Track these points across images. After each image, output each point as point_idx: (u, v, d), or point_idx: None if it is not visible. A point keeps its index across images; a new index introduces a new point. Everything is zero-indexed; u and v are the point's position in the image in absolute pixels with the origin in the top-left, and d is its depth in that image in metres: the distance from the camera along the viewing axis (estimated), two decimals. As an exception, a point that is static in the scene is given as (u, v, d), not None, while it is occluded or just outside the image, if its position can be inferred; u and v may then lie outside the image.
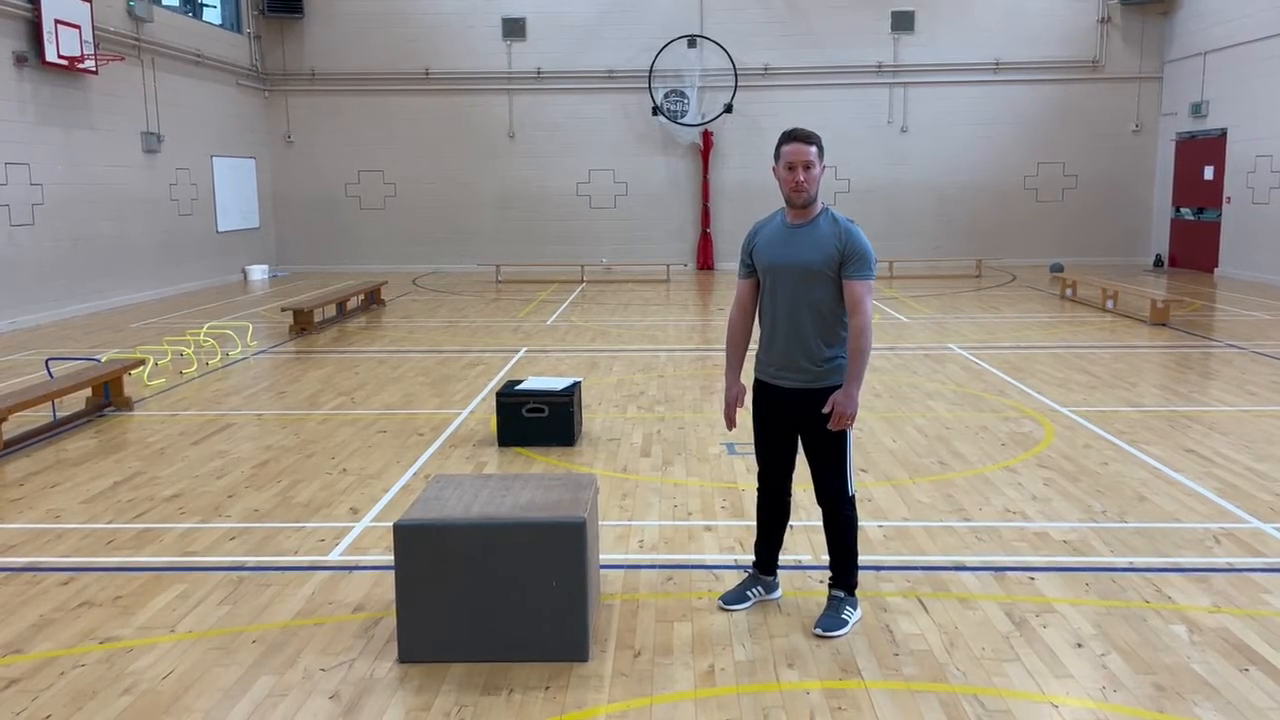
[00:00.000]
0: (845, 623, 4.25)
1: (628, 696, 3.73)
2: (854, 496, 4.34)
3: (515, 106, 21.95)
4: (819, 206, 4.23)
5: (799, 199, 4.16)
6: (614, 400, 8.82)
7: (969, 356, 10.78)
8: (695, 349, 11.66)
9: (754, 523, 5.76)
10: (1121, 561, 4.98)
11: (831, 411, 4.14)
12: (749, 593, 4.52)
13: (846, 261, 4.11)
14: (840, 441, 4.24)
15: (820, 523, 5.54)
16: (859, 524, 4.41)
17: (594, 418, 8.11)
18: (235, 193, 20.61)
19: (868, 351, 4.14)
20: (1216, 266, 19.45)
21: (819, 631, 4.21)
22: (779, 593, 4.59)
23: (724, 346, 4.56)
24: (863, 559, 5.03)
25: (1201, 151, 20.04)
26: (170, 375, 10.11)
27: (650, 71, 21.31)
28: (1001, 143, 21.68)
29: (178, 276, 18.20)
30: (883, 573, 4.87)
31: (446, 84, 21.83)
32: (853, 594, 4.36)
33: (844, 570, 4.36)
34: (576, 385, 7.53)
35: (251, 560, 5.14)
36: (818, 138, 4.22)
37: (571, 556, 3.96)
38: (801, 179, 4.13)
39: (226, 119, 20.26)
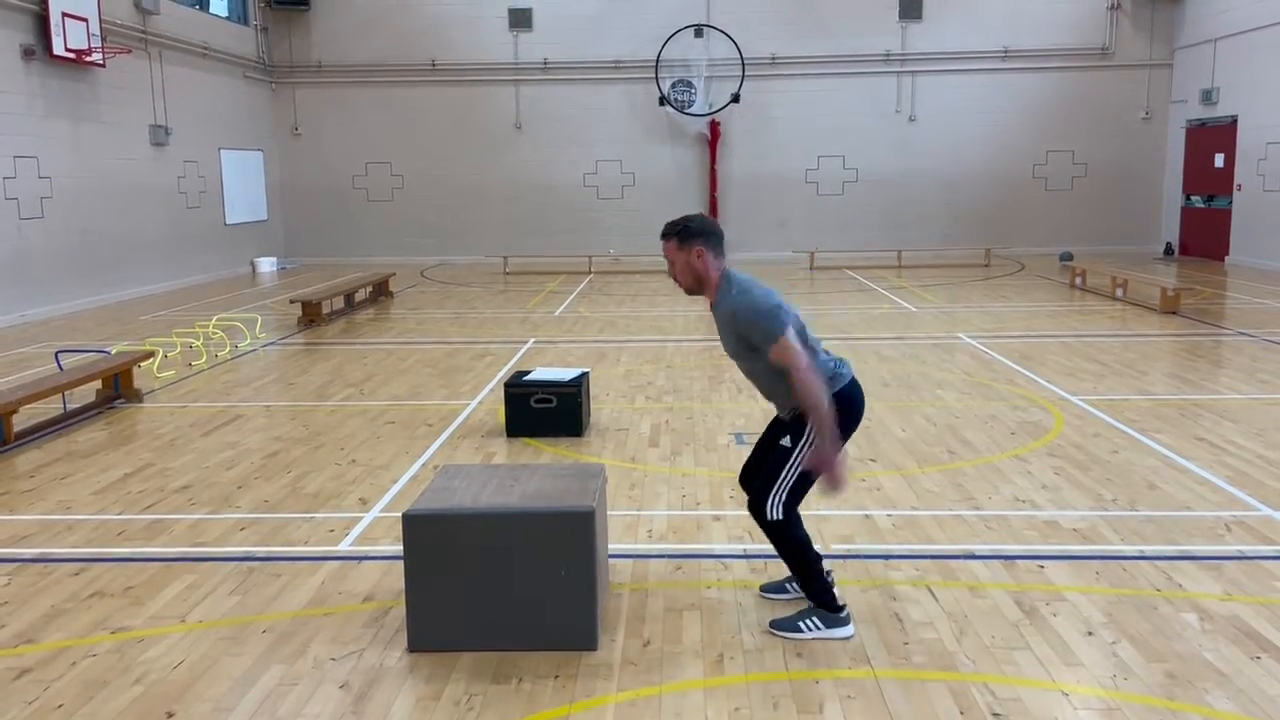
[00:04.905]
0: (800, 630, 4.08)
1: (637, 685, 3.73)
2: (777, 521, 4.02)
3: (522, 98, 21.92)
4: (717, 284, 4.03)
5: (683, 290, 4.12)
6: (622, 391, 8.82)
7: (978, 345, 10.75)
8: (703, 339, 11.64)
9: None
10: (1132, 550, 4.96)
11: (788, 431, 4.08)
12: (788, 585, 4.44)
13: (749, 339, 3.94)
14: (781, 458, 4.05)
15: (828, 512, 5.55)
16: (802, 543, 4.07)
17: (602, 408, 8.11)
18: (243, 185, 20.63)
19: (819, 402, 3.82)
20: (1227, 254, 19.35)
21: (770, 625, 4.15)
22: None
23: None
24: (872, 548, 5.04)
25: (1212, 139, 19.92)
26: (179, 367, 10.13)
27: (657, 62, 21.25)
28: (1010, 131, 21.57)
29: (186, 269, 18.24)
30: (892, 561, 4.86)
31: (453, 75, 21.81)
32: (822, 609, 4.10)
33: (803, 585, 4.14)
34: (584, 376, 7.52)
35: (261, 551, 5.15)
36: (675, 229, 4.03)
37: (580, 546, 3.96)
38: (671, 275, 4.11)
39: (234, 111, 20.28)
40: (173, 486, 6.26)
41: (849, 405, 4.05)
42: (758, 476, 4.16)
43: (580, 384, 7.29)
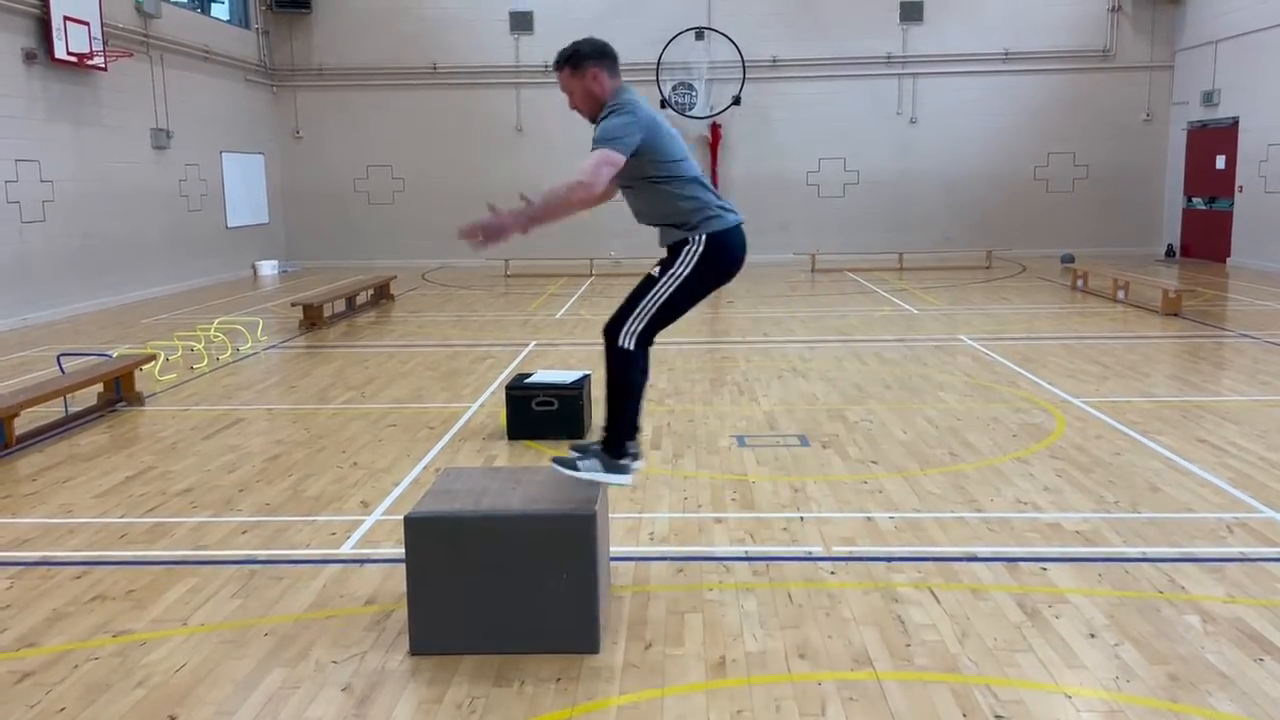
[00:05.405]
0: (578, 469, 4.09)
1: (639, 688, 3.73)
2: (627, 351, 4.02)
3: (523, 100, 21.93)
4: (610, 98, 4.05)
5: (587, 118, 4.11)
6: (623, 393, 8.80)
7: (980, 348, 10.74)
8: (705, 341, 11.64)
9: (763, 514, 5.74)
10: (1134, 552, 4.96)
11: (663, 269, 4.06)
12: (579, 464, 4.23)
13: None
14: (646, 285, 4.08)
15: (830, 514, 5.55)
16: (633, 383, 4.09)
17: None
18: (244, 188, 20.65)
19: (556, 195, 3.79)
20: (1229, 256, 19.35)
21: (551, 459, 4.21)
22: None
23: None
24: (874, 550, 5.03)
25: (1213, 140, 19.92)
26: (181, 370, 10.13)
27: (658, 64, 21.26)
28: (1011, 133, 21.58)
29: (188, 272, 18.25)
30: (894, 563, 4.86)
31: (454, 78, 21.83)
32: (607, 454, 4.09)
33: (610, 420, 4.12)
34: (586, 378, 7.52)
35: (263, 554, 5.15)
36: (565, 56, 4.08)
37: (582, 548, 3.95)
38: (572, 106, 4.13)
39: (235, 115, 20.30)
40: (174, 490, 6.26)
41: (722, 249, 4.08)
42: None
43: (582, 386, 7.29)
